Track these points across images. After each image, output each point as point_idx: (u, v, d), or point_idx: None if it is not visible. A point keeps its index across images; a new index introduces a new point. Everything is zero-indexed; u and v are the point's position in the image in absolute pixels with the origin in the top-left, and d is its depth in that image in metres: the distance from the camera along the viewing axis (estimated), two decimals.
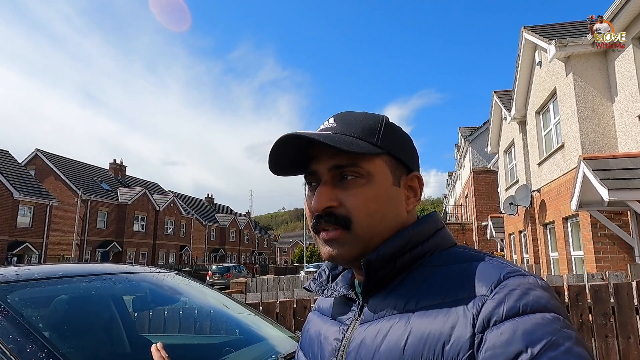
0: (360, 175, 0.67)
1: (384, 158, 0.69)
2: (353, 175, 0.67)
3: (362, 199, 0.66)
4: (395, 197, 0.69)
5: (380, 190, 0.67)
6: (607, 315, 3.24)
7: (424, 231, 0.69)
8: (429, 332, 0.57)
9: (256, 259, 61.93)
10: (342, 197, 0.67)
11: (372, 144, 0.68)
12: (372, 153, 0.67)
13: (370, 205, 0.66)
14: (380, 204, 0.67)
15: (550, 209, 9.96)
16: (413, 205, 0.72)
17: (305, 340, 0.80)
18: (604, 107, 8.00)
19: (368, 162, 0.67)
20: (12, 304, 1.31)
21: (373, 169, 0.67)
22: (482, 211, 20.08)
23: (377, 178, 0.68)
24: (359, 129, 0.68)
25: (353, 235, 0.66)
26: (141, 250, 37.66)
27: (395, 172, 0.70)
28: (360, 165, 0.67)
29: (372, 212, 0.66)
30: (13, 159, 28.85)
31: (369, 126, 0.69)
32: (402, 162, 0.71)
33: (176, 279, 2.30)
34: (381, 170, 0.68)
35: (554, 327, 0.52)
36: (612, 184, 6.35)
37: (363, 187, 0.67)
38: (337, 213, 0.67)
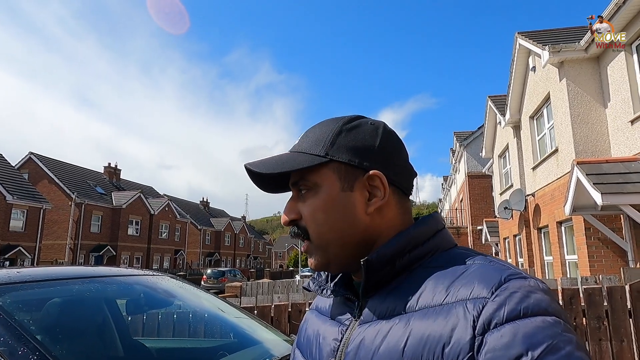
0: (308, 188, 0.71)
1: (331, 166, 0.70)
2: (305, 189, 0.71)
3: (311, 210, 0.70)
4: (345, 203, 0.69)
5: (326, 199, 0.69)
6: (601, 319, 3.25)
7: (424, 232, 0.69)
8: (429, 333, 0.57)
9: (251, 263, 61.70)
10: (301, 209, 0.71)
11: (316, 155, 0.70)
12: (303, 167, 0.69)
13: (317, 215, 0.69)
14: (326, 212, 0.69)
15: (545, 213, 10.01)
16: (376, 205, 0.69)
17: (302, 339, 0.79)
18: (597, 112, 8.07)
19: (313, 174, 0.70)
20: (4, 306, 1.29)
21: (318, 179, 0.70)
22: (477, 215, 20.15)
23: (323, 187, 0.70)
24: (307, 144, 0.72)
25: (314, 245, 0.70)
26: (135, 254, 37.41)
27: (345, 177, 0.70)
28: (306, 178, 0.70)
29: (320, 221, 0.69)
30: (6, 162, 28.62)
31: (317, 138, 0.72)
32: (354, 165, 0.70)
33: (170, 282, 2.29)
34: (327, 179, 0.70)
35: (555, 330, 0.52)
36: (606, 188, 6.39)
37: (312, 198, 0.70)
38: (299, 225, 0.71)
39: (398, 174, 0.72)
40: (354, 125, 0.72)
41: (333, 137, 0.71)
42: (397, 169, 0.72)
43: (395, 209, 0.71)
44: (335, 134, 0.71)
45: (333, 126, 0.72)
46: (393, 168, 0.72)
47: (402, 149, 0.75)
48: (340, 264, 0.71)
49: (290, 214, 0.72)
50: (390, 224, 0.70)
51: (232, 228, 58.46)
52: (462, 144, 21.88)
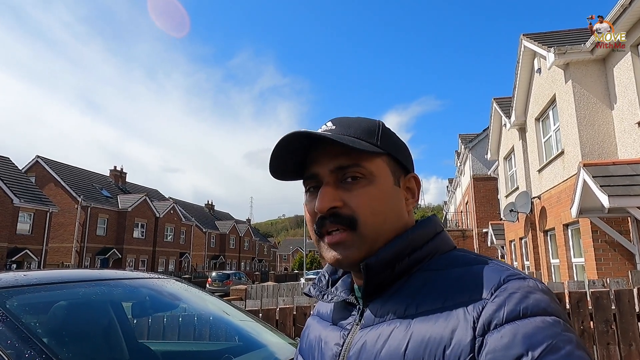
0: (362, 175, 0.67)
1: (384, 158, 0.70)
2: (355, 177, 0.67)
3: (367, 199, 0.66)
4: (397, 197, 0.70)
5: (383, 190, 0.68)
6: (609, 322, 3.22)
7: (424, 235, 0.69)
8: (429, 336, 0.57)
9: (256, 266, 61.74)
10: (346, 197, 0.67)
11: (372, 144, 0.68)
12: (374, 152, 0.68)
13: (374, 205, 0.66)
14: (383, 203, 0.67)
15: (551, 216, 9.95)
16: (412, 206, 0.73)
17: (304, 345, 0.80)
18: (603, 114, 8.02)
19: (370, 162, 0.68)
20: (11, 309, 1.30)
21: (375, 169, 0.68)
22: (482, 218, 20.05)
23: (379, 178, 0.68)
24: (358, 130, 0.69)
25: (359, 236, 0.66)
26: (141, 257, 37.55)
27: (394, 172, 0.71)
28: (363, 165, 0.67)
29: (376, 211, 0.67)
30: (13, 166, 28.86)
31: (367, 128, 0.70)
32: (400, 163, 0.72)
33: (175, 284, 2.30)
34: (382, 170, 0.69)
35: (555, 330, 0.52)
36: (612, 190, 6.34)
37: (366, 187, 0.67)
38: (342, 213, 0.66)
39: None
40: (386, 126, 0.74)
41: (382, 131, 0.71)
42: None
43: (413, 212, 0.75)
44: (382, 129, 0.72)
45: (375, 122, 0.73)
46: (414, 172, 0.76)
47: None
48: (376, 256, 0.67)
49: (335, 200, 0.66)
50: (410, 224, 0.73)
51: (237, 231, 58.55)
52: (467, 147, 21.81)
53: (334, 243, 0.67)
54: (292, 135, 0.66)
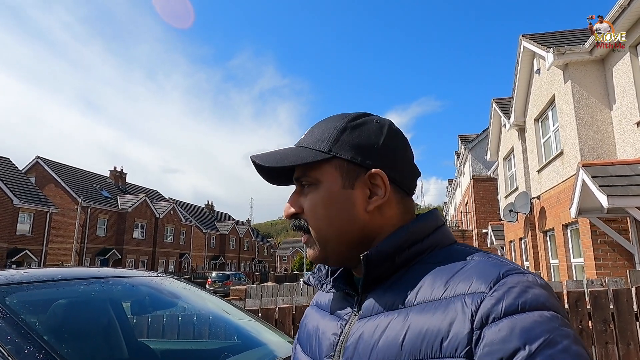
0: (310, 182, 0.72)
1: (333, 162, 0.71)
2: (307, 184, 0.72)
3: (311, 205, 0.71)
4: (345, 200, 0.70)
5: (326, 195, 0.70)
6: (607, 322, 3.23)
7: (424, 228, 0.70)
8: (427, 327, 0.58)
9: (256, 267, 61.70)
10: (302, 203, 0.73)
11: (319, 151, 0.71)
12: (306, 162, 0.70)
13: (317, 210, 0.71)
14: (326, 208, 0.70)
15: (550, 216, 9.96)
16: (377, 204, 0.70)
17: (302, 334, 0.80)
18: (602, 114, 8.04)
19: (315, 169, 0.71)
20: (11, 305, 1.31)
21: (320, 176, 0.71)
22: (482, 218, 20.05)
23: (324, 184, 0.70)
24: (312, 139, 0.73)
25: (313, 238, 0.72)
26: (141, 257, 37.54)
27: (347, 174, 0.70)
28: (307, 175, 0.72)
29: (319, 216, 0.70)
30: (14, 166, 28.86)
31: (322, 134, 0.73)
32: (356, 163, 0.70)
33: (174, 283, 2.30)
34: (329, 176, 0.70)
35: (552, 325, 0.52)
36: (612, 190, 6.35)
37: (313, 193, 0.71)
38: (301, 218, 0.73)
39: (401, 173, 0.73)
40: (359, 122, 0.73)
41: (337, 133, 0.71)
42: (400, 169, 0.73)
43: (396, 207, 0.72)
44: (339, 130, 0.71)
45: (338, 123, 0.73)
46: (396, 167, 0.72)
47: (407, 149, 0.75)
48: (337, 259, 0.72)
49: (292, 207, 0.73)
50: (390, 223, 0.71)
51: (236, 231, 58.53)
52: (466, 147, 21.81)
53: (304, 243, 0.75)
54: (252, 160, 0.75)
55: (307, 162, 0.70)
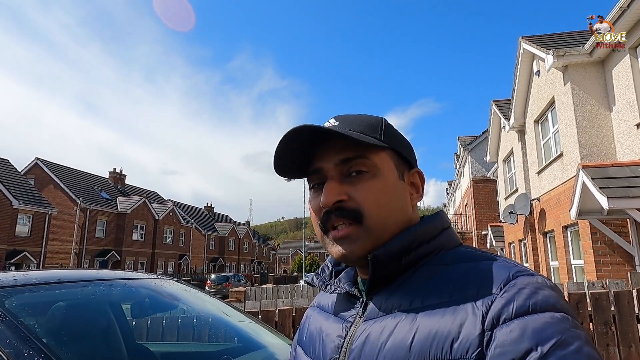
0: (367, 169, 0.68)
1: (388, 153, 0.71)
2: (360, 171, 0.68)
3: (372, 192, 0.67)
4: (402, 191, 0.71)
5: (388, 183, 0.68)
6: (608, 324, 3.22)
7: (431, 230, 0.69)
8: (436, 329, 0.57)
9: (255, 269, 61.64)
10: (351, 191, 0.67)
11: (376, 139, 0.69)
12: (379, 146, 0.68)
13: (379, 198, 0.67)
14: (388, 196, 0.68)
15: (550, 218, 9.95)
16: (416, 201, 0.73)
17: (304, 336, 0.79)
18: (602, 116, 8.04)
19: (375, 155, 0.68)
20: (10, 308, 1.30)
21: (379, 163, 0.69)
22: (481, 220, 20.05)
23: (384, 171, 0.69)
24: (362, 126, 0.70)
25: (365, 229, 0.66)
26: (140, 259, 37.49)
27: (398, 167, 0.71)
28: (368, 157, 0.68)
29: (382, 204, 0.67)
30: (13, 168, 28.83)
31: (370, 123, 0.71)
32: (404, 158, 0.73)
33: (174, 285, 2.29)
34: (387, 164, 0.70)
35: (564, 326, 0.52)
36: (612, 192, 6.35)
37: (371, 180, 0.67)
38: (348, 207, 0.67)
39: None
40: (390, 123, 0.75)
41: (385, 126, 0.72)
42: None
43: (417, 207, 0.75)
44: (385, 124, 0.72)
45: (378, 118, 0.74)
46: None
47: None
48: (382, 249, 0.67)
49: (340, 194, 0.67)
50: (415, 219, 0.72)
51: (236, 233, 58.49)
52: (466, 149, 21.83)
53: (340, 237, 0.67)
54: (298, 128, 0.67)
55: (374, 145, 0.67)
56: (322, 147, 0.70)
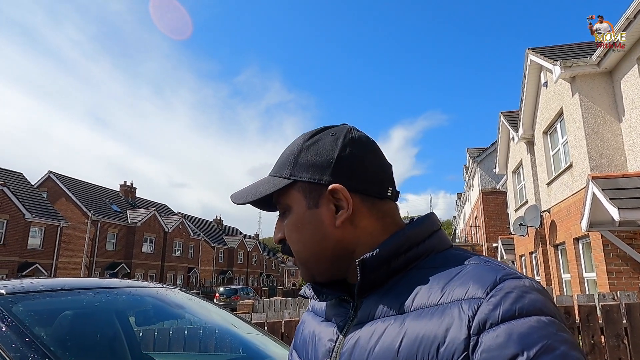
0: (284, 210, 0.75)
1: (296, 186, 0.72)
2: (282, 210, 0.76)
3: (287, 230, 0.74)
4: (313, 220, 0.71)
5: (295, 219, 0.73)
6: (620, 337, 3.15)
7: (420, 233, 0.69)
8: (423, 333, 0.57)
9: (264, 281, 61.40)
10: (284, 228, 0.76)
11: (282, 178, 0.73)
12: (268, 193, 0.73)
13: (292, 235, 0.73)
14: (298, 231, 0.73)
15: (561, 230, 9.82)
16: (342, 218, 0.69)
17: (299, 340, 0.80)
18: (611, 127, 7.98)
19: (283, 196, 0.74)
20: (17, 314, 1.33)
21: (288, 201, 0.73)
22: (492, 232, 19.84)
23: (293, 208, 0.73)
24: (277, 166, 0.76)
25: (297, 261, 0.74)
26: (149, 271, 37.59)
27: (310, 194, 0.71)
28: (279, 202, 0.75)
29: (294, 239, 0.73)
30: (26, 181, 29.32)
31: (283, 160, 0.75)
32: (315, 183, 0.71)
33: (180, 294, 2.31)
34: (295, 199, 0.73)
35: (550, 330, 0.52)
36: (623, 203, 6.26)
37: (287, 219, 0.74)
38: (285, 243, 0.75)
39: (363, 181, 0.71)
40: (313, 140, 0.73)
41: (294, 157, 0.73)
42: (361, 177, 0.71)
43: (369, 215, 0.71)
44: (296, 154, 0.73)
45: (295, 145, 0.75)
46: (356, 177, 0.70)
47: (367, 153, 0.73)
48: (323, 276, 0.74)
49: (278, 233, 0.76)
50: (367, 231, 0.70)
51: (245, 246, 58.47)
52: (475, 161, 21.73)
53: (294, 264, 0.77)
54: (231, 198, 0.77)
55: (272, 192, 0.72)
56: None
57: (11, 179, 27.14)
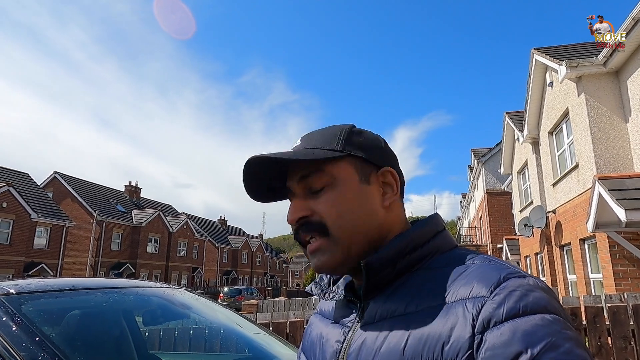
0: (326, 182, 0.70)
1: (348, 160, 0.71)
2: (320, 184, 0.70)
3: (331, 203, 0.69)
4: (365, 195, 0.71)
5: (348, 191, 0.70)
6: (627, 338, 3.13)
7: (425, 233, 0.70)
8: (428, 333, 0.57)
9: (268, 282, 61.48)
10: (314, 205, 0.70)
11: (332, 150, 0.71)
12: (327, 157, 0.70)
13: (339, 207, 0.69)
14: (349, 204, 0.69)
15: (567, 230, 9.77)
16: (391, 200, 0.72)
17: (306, 342, 0.81)
18: (617, 127, 7.92)
19: (331, 166, 0.70)
20: (26, 313, 1.34)
21: (337, 172, 0.70)
22: (496, 233, 19.75)
23: (343, 180, 0.70)
24: (319, 140, 0.73)
25: (333, 241, 0.68)
26: (154, 271, 37.72)
27: (362, 171, 0.72)
28: (324, 170, 0.70)
29: (342, 213, 0.68)
30: (32, 181, 29.51)
31: (329, 135, 0.73)
32: (368, 161, 0.73)
33: (186, 294, 2.32)
34: (345, 172, 0.71)
35: (554, 328, 0.52)
36: (629, 204, 6.22)
37: (330, 192, 0.70)
38: (312, 220, 0.69)
39: (399, 172, 0.76)
40: (359, 129, 0.77)
41: (345, 135, 0.73)
42: (398, 168, 0.77)
43: (399, 206, 0.75)
44: (347, 132, 0.74)
45: (341, 128, 0.75)
46: (396, 166, 0.76)
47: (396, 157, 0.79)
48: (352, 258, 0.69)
49: (302, 210, 0.70)
50: (399, 219, 0.73)
51: (249, 246, 58.57)
52: (480, 161, 21.64)
53: (312, 250, 0.70)
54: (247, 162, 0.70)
55: (326, 157, 0.69)
56: (289, 169, 0.73)
57: (17, 180, 27.33)
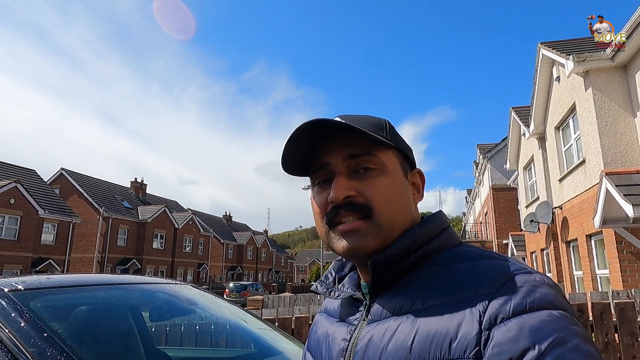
0: (375, 166, 0.69)
1: (394, 152, 0.72)
2: (367, 167, 0.68)
3: (380, 188, 0.68)
4: (407, 190, 0.72)
5: (395, 181, 0.70)
6: (635, 335, 3.11)
7: (430, 231, 0.70)
8: (435, 329, 0.57)
9: (273, 277, 61.70)
10: (359, 187, 0.68)
11: (383, 137, 0.70)
12: (386, 144, 0.69)
13: (388, 194, 0.68)
14: (396, 193, 0.69)
15: (573, 226, 9.71)
16: (417, 201, 0.75)
17: (312, 341, 0.81)
18: (625, 122, 7.85)
19: (382, 153, 0.70)
20: (35, 309, 1.36)
21: (387, 160, 0.70)
22: (502, 229, 19.68)
23: (391, 169, 0.70)
24: (368, 124, 0.70)
25: (375, 224, 0.66)
26: (160, 267, 37.98)
27: (402, 166, 0.73)
28: (375, 155, 0.69)
29: (390, 200, 0.68)
30: (39, 178, 29.75)
31: (376, 123, 0.72)
32: (407, 158, 0.74)
33: (192, 291, 2.33)
34: (393, 162, 0.71)
35: (562, 324, 0.52)
36: (637, 199, 6.17)
37: (379, 177, 0.68)
38: (357, 202, 0.67)
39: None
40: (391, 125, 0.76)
41: (388, 126, 0.73)
42: None
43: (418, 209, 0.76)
44: (391, 126, 0.74)
45: (381, 118, 0.75)
46: None
47: None
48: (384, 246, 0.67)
49: (349, 189, 0.67)
50: (418, 218, 0.74)
51: (254, 242, 58.77)
52: (485, 157, 21.53)
53: (348, 231, 0.67)
54: (308, 123, 0.67)
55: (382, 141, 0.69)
56: (329, 143, 0.70)
57: (25, 176, 27.56)
